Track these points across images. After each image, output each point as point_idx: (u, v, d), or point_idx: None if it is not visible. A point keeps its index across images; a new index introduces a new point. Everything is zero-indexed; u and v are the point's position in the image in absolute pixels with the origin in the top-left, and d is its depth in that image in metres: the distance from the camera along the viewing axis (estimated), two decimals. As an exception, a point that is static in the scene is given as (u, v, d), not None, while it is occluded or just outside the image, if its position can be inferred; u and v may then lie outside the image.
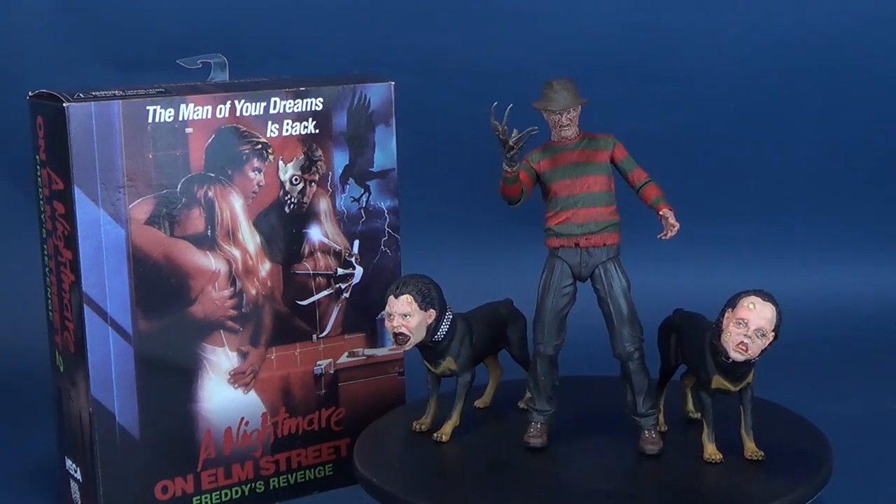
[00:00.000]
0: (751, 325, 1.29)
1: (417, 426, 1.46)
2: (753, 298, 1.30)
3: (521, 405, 1.52)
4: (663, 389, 1.46)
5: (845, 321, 2.15)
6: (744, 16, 2.24)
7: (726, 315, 1.31)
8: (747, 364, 1.33)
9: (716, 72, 2.23)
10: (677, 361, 1.44)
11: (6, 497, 1.57)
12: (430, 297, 1.40)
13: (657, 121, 2.21)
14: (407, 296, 1.39)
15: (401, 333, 1.39)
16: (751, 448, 1.37)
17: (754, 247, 2.26)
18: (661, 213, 1.37)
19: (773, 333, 1.31)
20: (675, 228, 1.35)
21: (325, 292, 1.54)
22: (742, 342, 1.29)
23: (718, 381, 1.35)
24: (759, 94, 2.26)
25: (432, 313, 1.40)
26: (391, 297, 1.40)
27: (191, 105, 1.43)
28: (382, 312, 1.58)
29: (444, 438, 1.43)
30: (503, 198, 1.38)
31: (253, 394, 1.51)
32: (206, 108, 1.44)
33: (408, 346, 1.40)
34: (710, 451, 1.37)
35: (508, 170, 1.35)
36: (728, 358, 1.31)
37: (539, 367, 1.40)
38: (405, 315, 1.39)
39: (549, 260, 1.39)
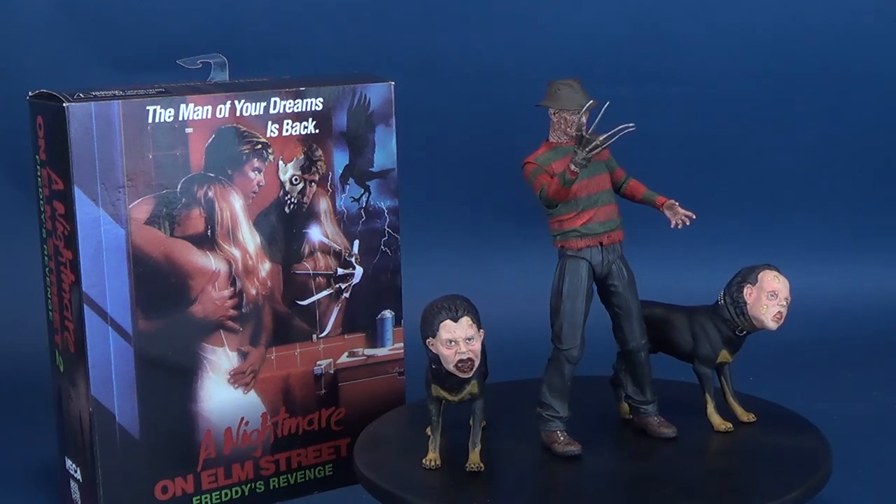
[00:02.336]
0: (781, 295, 1.39)
1: (431, 463, 1.35)
2: (774, 271, 1.41)
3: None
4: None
5: (845, 321, 2.15)
6: (744, 17, 2.24)
7: (747, 291, 1.40)
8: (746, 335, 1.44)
9: (716, 73, 2.23)
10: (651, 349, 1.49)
11: (6, 497, 1.57)
12: (478, 316, 1.32)
13: (657, 121, 2.21)
14: (467, 318, 1.29)
15: (469, 359, 1.29)
16: (742, 412, 1.46)
17: (754, 247, 2.26)
18: (667, 202, 1.40)
19: None
20: (692, 216, 1.39)
21: (325, 292, 1.54)
22: (779, 312, 1.39)
23: (724, 356, 1.45)
24: (760, 95, 2.26)
25: (482, 333, 1.32)
26: (448, 322, 1.29)
27: (191, 105, 1.43)
28: (382, 315, 1.58)
29: (483, 467, 1.34)
30: (550, 200, 1.34)
31: (253, 394, 1.51)
32: (206, 108, 1.44)
33: (471, 374, 1.30)
34: (719, 422, 1.44)
35: (577, 171, 1.32)
36: (742, 331, 1.42)
37: (566, 372, 1.38)
38: (469, 339, 1.29)
39: (568, 262, 1.37)
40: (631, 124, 1.32)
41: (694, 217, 1.40)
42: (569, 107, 1.35)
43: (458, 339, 1.28)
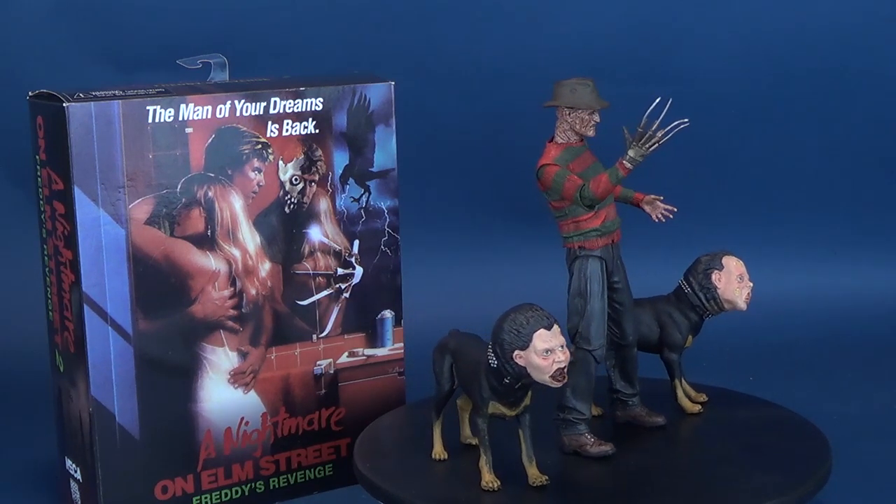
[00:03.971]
0: (745, 277, 1.47)
1: (492, 485, 1.30)
2: (734, 255, 1.48)
3: (471, 441, 1.42)
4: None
5: (845, 321, 2.15)
6: (744, 17, 2.24)
7: (715, 277, 1.46)
8: None
9: (716, 73, 2.23)
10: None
11: (6, 497, 1.57)
12: None
13: (655, 123, 2.21)
14: (556, 325, 1.25)
15: (565, 367, 1.24)
16: (695, 393, 1.52)
17: (754, 247, 2.26)
18: (646, 198, 1.43)
19: None
20: (673, 209, 1.41)
21: (325, 292, 1.54)
22: (749, 293, 1.47)
23: (689, 341, 1.51)
24: (760, 95, 2.26)
25: None
26: (542, 332, 1.24)
27: (191, 105, 1.43)
28: (382, 315, 1.58)
29: (548, 480, 1.31)
30: (595, 200, 1.33)
31: (253, 394, 1.51)
32: (206, 108, 1.44)
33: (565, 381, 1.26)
34: (689, 405, 1.50)
35: (630, 167, 1.32)
36: (709, 315, 1.48)
37: (593, 372, 1.38)
38: (563, 346, 1.25)
39: (588, 262, 1.37)
40: (685, 120, 1.32)
41: (675, 210, 1.40)
42: (593, 106, 1.35)
43: (555, 348, 1.24)
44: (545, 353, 1.24)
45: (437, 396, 1.39)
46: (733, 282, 1.46)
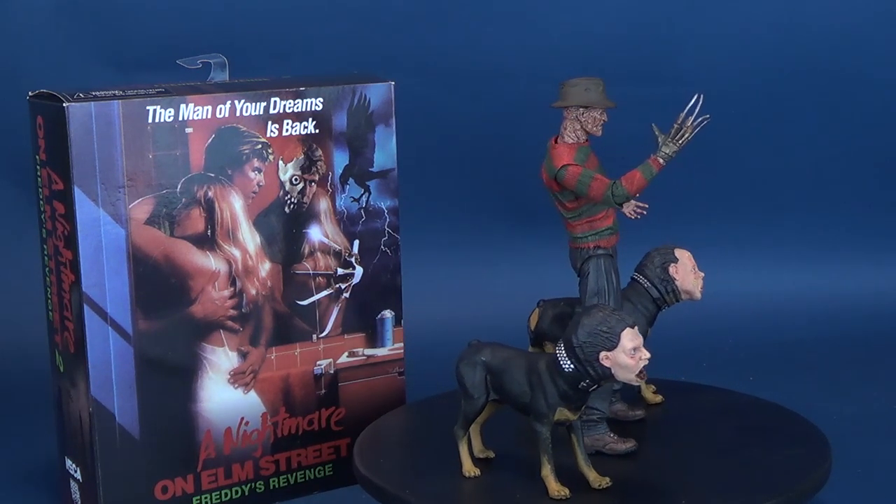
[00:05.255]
0: (696, 267, 1.50)
1: (563, 494, 1.28)
2: (684, 248, 1.50)
3: (487, 454, 1.39)
4: None
5: (845, 321, 2.15)
6: (743, 18, 2.24)
7: (672, 269, 1.48)
8: None
9: (716, 73, 2.23)
10: None
11: (6, 497, 1.57)
12: None
13: (656, 121, 2.21)
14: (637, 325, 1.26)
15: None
16: (652, 390, 1.55)
17: (754, 247, 2.26)
18: None
19: None
20: (646, 206, 1.39)
21: (325, 292, 1.54)
22: (702, 283, 1.50)
23: (648, 333, 1.49)
24: (759, 96, 2.26)
25: None
26: (628, 330, 1.24)
27: (191, 105, 1.43)
28: (382, 315, 1.58)
29: (609, 482, 1.30)
30: (630, 197, 1.33)
31: (253, 394, 1.51)
32: (206, 108, 1.44)
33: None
34: (651, 397, 1.54)
35: (663, 163, 1.32)
36: (665, 306, 1.50)
37: None
38: (641, 345, 1.25)
39: (602, 261, 1.37)
40: (707, 115, 1.34)
41: (647, 207, 1.39)
42: (607, 105, 1.35)
43: (640, 346, 1.24)
44: (632, 351, 1.24)
45: (467, 412, 1.34)
46: (689, 273, 1.49)
